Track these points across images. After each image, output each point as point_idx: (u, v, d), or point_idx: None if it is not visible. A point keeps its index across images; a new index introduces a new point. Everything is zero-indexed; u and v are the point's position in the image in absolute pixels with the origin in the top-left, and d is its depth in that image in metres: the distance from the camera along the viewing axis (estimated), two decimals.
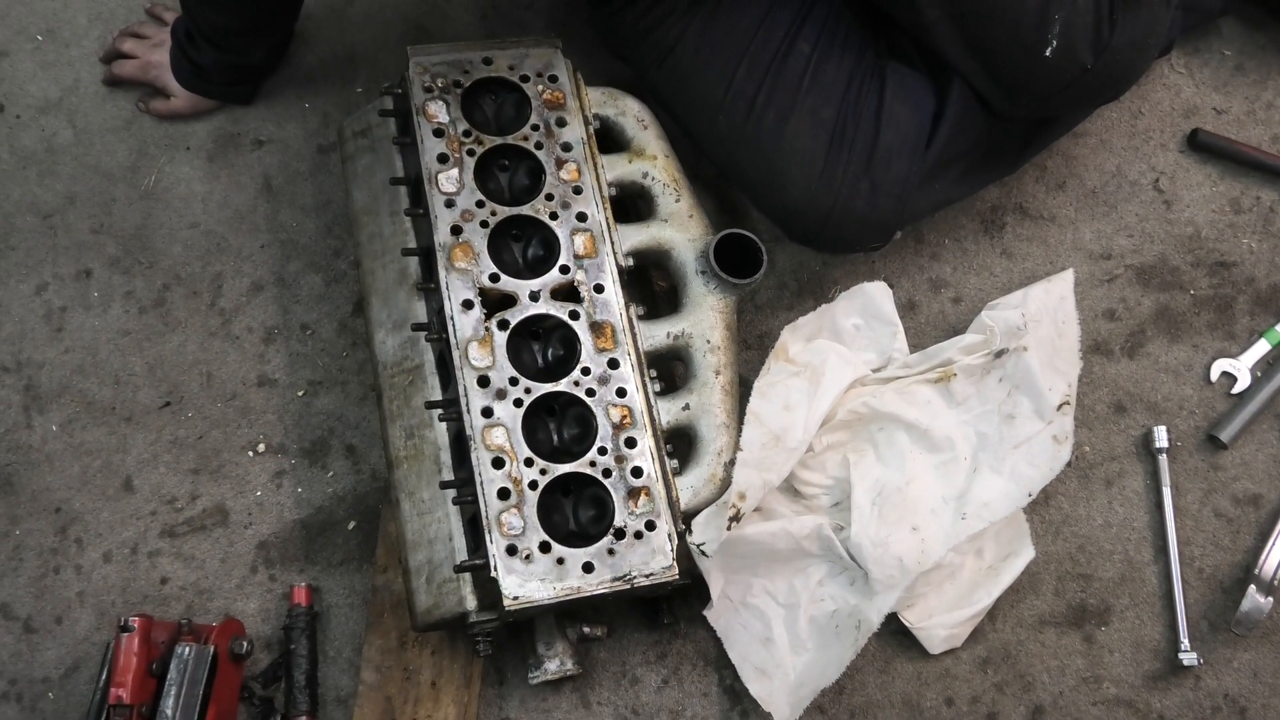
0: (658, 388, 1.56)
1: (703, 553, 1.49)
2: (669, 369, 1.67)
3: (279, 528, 1.73)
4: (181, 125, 1.91)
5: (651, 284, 1.73)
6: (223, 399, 1.78)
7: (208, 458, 1.75)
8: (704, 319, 1.61)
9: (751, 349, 1.76)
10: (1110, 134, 1.85)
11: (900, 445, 1.64)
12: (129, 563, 1.71)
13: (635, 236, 1.63)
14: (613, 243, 1.59)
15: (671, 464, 1.52)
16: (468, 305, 1.52)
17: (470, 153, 1.60)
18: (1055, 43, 1.57)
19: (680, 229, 1.64)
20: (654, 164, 1.68)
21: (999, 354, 1.65)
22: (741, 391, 1.62)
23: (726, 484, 1.53)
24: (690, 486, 1.53)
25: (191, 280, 1.83)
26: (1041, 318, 1.67)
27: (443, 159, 1.59)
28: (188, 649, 1.54)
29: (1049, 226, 1.82)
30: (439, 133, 1.60)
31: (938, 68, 1.66)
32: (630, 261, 1.61)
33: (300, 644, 1.64)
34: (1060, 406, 1.63)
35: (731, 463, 1.53)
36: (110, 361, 1.80)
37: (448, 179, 1.58)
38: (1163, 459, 1.69)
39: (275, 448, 1.76)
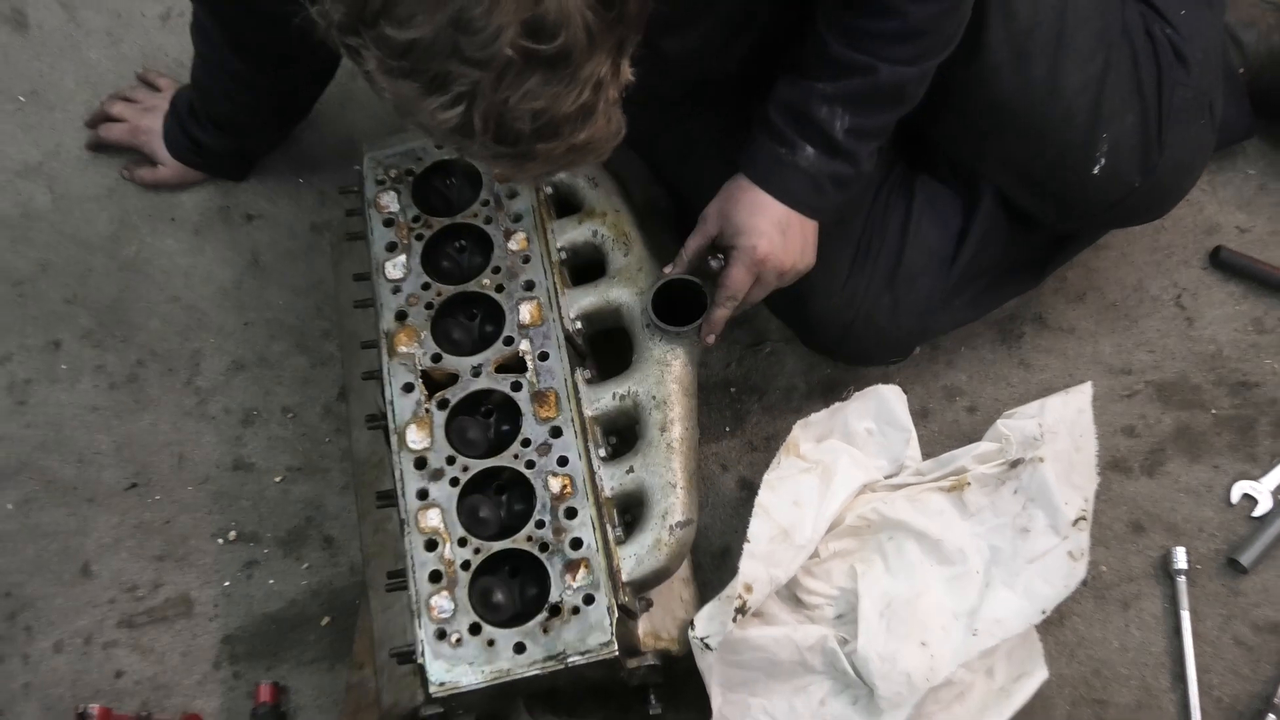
0: (604, 453, 1.70)
1: (707, 646, 1.64)
2: (627, 437, 1.79)
3: (247, 621, 1.87)
4: (167, 195, 2.11)
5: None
6: (194, 482, 1.94)
7: (174, 544, 1.90)
8: (649, 374, 1.74)
9: (758, 450, 1.94)
10: (1132, 248, 2.08)
11: (910, 556, 1.80)
12: (82, 654, 1.84)
13: (585, 299, 1.78)
14: (559, 308, 1.76)
15: (617, 533, 1.65)
16: (408, 389, 1.69)
17: (419, 237, 1.79)
18: (1103, 161, 1.76)
19: (628, 284, 1.80)
20: (603, 221, 1.84)
21: (1014, 464, 1.83)
22: (746, 495, 1.80)
23: (674, 550, 1.64)
24: (634, 555, 1.64)
25: (168, 356, 2.01)
26: (1059, 429, 1.86)
27: (391, 247, 1.78)
28: None
29: (1068, 338, 2.03)
30: (389, 222, 1.80)
31: (966, 184, 1.86)
32: (579, 325, 1.76)
33: None
34: (1076, 522, 1.80)
35: (679, 525, 1.65)
36: (75, 439, 1.96)
37: (394, 266, 1.77)
38: (1181, 581, 1.86)
39: (248, 536, 1.91)
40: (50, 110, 2.16)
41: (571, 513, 1.63)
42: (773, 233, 1.68)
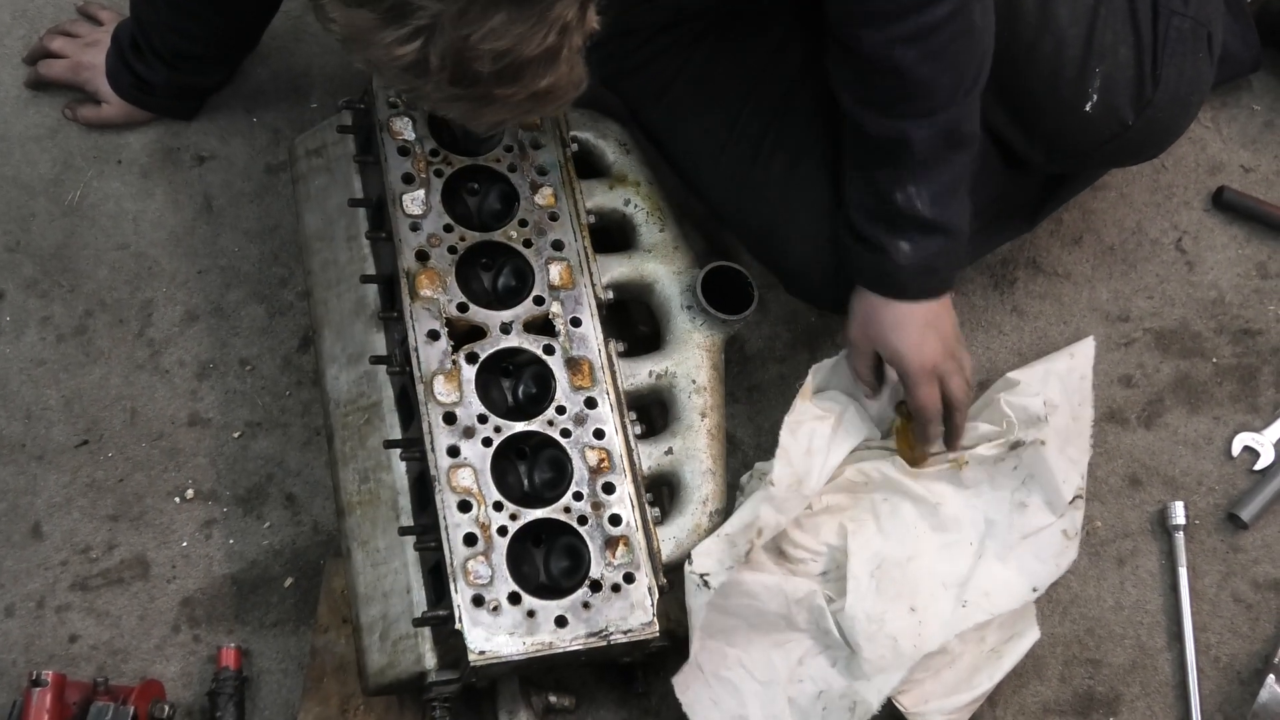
0: (638, 430, 1.84)
1: (705, 583, 1.74)
2: (647, 413, 1.95)
3: (206, 583, 1.97)
4: (113, 136, 2.20)
5: (634, 327, 2.03)
6: (148, 439, 2.04)
7: (128, 503, 2.01)
8: (689, 357, 1.90)
9: (739, 403, 2.06)
10: (1131, 188, 2.20)
11: (904, 518, 1.93)
12: (34, 617, 1.94)
13: (616, 268, 1.93)
14: (592, 274, 1.89)
15: (652, 512, 1.80)
16: (433, 336, 1.79)
17: (438, 173, 1.88)
18: (1095, 97, 1.86)
19: (664, 261, 1.95)
20: (637, 191, 1.98)
21: (1014, 445, 1.93)
22: (729, 447, 1.93)
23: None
24: (673, 537, 1.81)
25: (118, 307, 2.11)
26: (1060, 403, 1.97)
27: (408, 179, 1.87)
28: (107, 708, 1.79)
29: (1063, 284, 2.15)
30: (404, 151, 1.89)
31: None
32: (610, 295, 1.89)
33: (227, 711, 1.87)
34: (1073, 500, 1.93)
35: (717, 512, 1.82)
36: (21, 394, 2.06)
37: (413, 200, 1.86)
38: (1179, 537, 1.99)
39: (205, 494, 2.02)
40: None
41: (609, 488, 1.77)
42: (921, 338, 1.80)
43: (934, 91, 1.68)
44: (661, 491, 1.88)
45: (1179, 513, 2.01)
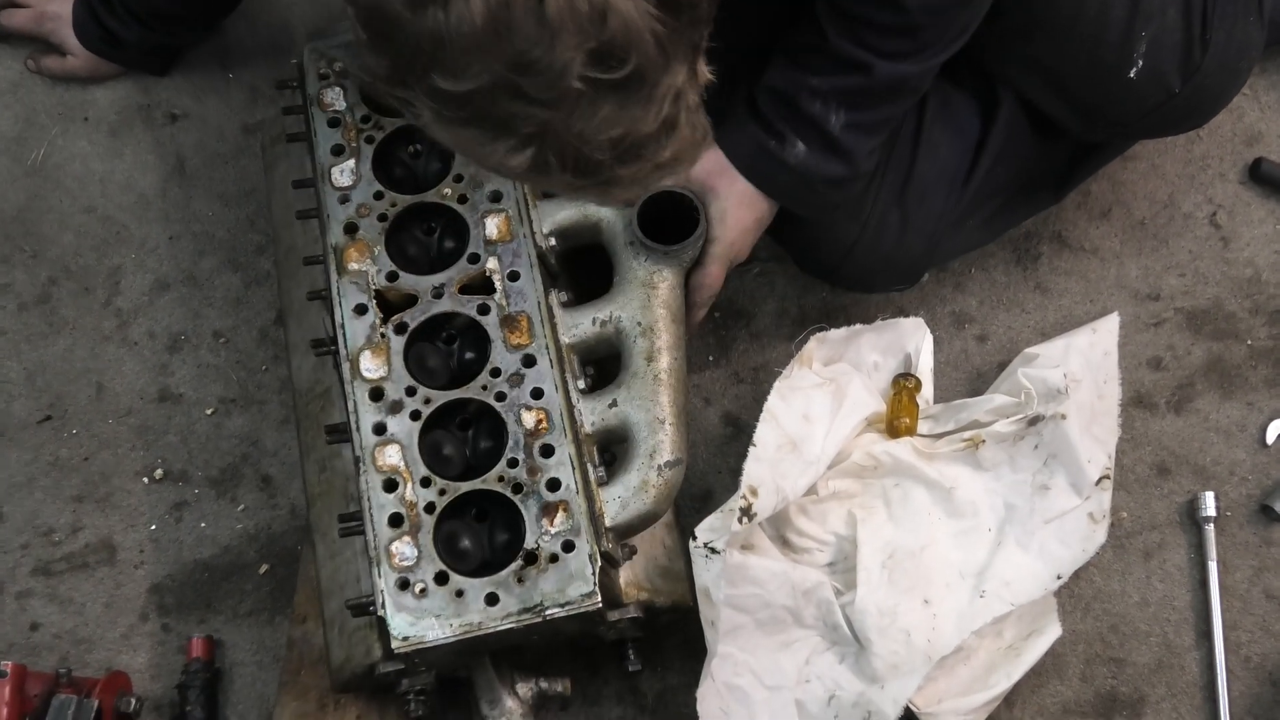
0: (583, 385, 1.76)
1: (712, 550, 1.69)
2: (607, 368, 1.85)
3: (176, 569, 1.95)
4: (79, 90, 2.16)
5: (604, 280, 1.90)
6: (115, 415, 2.01)
7: (94, 483, 1.98)
8: (634, 297, 1.80)
9: (744, 383, 2.02)
10: (1163, 159, 2.16)
11: (917, 504, 1.90)
12: None
13: (560, 212, 1.84)
14: (531, 222, 1.81)
15: (599, 473, 1.71)
16: (360, 310, 1.74)
17: (369, 140, 1.84)
18: (1140, 63, 1.81)
19: None
20: None
21: (1034, 420, 1.90)
22: (731, 431, 1.89)
23: (663, 492, 1.72)
24: (618, 498, 1.71)
25: (83, 274, 2.07)
26: (1083, 377, 1.94)
27: (338, 150, 1.83)
28: (70, 702, 1.76)
29: (1090, 260, 2.12)
30: (334, 122, 1.85)
31: (984, 87, 1.92)
32: (553, 242, 1.82)
33: (197, 706, 1.85)
34: (1099, 481, 1.90)
35: (668, 465, 1.72)
36: None
37: (342, 172, 1.82)
38: (1209, 530, 1.96)
39: (176, 475, 1.99)
40: None
41: (548, 450, 1.69)
42: (752, 229, 1.83)
43: (916, 39, 1.65)
44: (624, 450, 1.79)
45: (1209, 504, 1.97)
